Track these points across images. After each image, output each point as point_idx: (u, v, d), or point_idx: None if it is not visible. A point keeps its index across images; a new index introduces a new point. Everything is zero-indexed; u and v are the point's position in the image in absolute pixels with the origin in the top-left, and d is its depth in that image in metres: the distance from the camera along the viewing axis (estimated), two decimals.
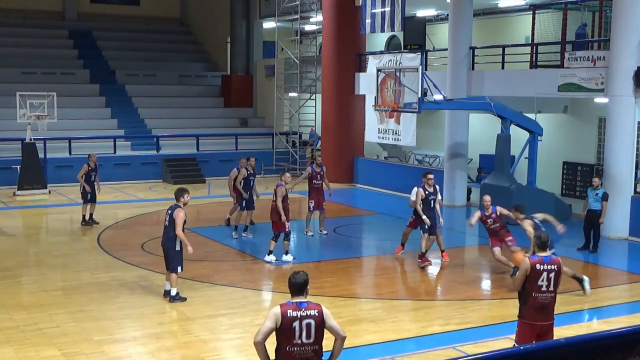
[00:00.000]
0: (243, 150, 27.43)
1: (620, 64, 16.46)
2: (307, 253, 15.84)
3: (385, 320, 10.99)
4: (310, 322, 6.18)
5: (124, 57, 32.93)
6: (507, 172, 18.80)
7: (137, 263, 14.03)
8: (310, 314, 6.20)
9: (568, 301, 11.84)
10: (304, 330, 6.16)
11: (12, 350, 9.50)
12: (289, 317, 6.16)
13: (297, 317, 6.16)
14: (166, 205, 20.06)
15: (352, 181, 25.21)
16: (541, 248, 8.10)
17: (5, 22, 32.05)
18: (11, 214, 19.94)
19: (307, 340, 6.19)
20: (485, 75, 20.52)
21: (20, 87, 24.89)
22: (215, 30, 34.61)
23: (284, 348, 6.20)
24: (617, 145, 16.75)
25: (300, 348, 6.19)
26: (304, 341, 6.18)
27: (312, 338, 6.20)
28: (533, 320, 8.05)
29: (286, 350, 6.19)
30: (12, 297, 11.94)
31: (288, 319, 6.16)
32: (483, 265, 15.16)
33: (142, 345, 9.86)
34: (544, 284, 7.95)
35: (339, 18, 24.87)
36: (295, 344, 6.18)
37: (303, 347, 6.19)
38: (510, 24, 25.08)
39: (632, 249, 16.14)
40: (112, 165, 25.10)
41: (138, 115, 29.11)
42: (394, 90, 18.20)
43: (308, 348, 6.21)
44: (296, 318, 6.16)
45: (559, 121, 22.54)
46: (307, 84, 28.15)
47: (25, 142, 22.47)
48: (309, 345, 6.20)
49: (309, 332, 6.18)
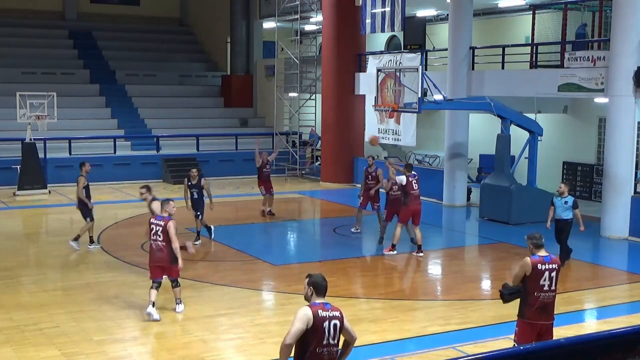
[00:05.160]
0: (243, 151, 27.48)
1: (620, 64, 16.46)
2: (307, 253, 15.85)
3: (385, 320, 10.99)
4: (337, 323, 6.11)
5: (124, 57, 32.93)
6: (507, 172, 18.80)
7: (137, 263, 14.02)
8: (335, 314, 6.13)
9: (568, 301, 11.85)
10: (332, 331, 6.08)
11: (12, 350, 9.50)
12: (320, 318, 6.03)
13: (326, 317, 6.07)
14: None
15: (352, 181, 25.21)
16: (537, 247, 8.11)
17: (6, 22, 32.02)
18: (11, 214, 19.94)
19: (333, 342, 6.11)
20: (485, 75, 20.52)
21: (20, 87, 24.88)
22: (215, 30, 34.60)
23: (313, 350, 6.03)
24: (617, 145, 16.74)
25: (328, 349, 6.08)
26: (331, 342, 6.09)
27: (336, 339, 6.14)
28: (534, 320, 8.06)
29: (316, 352, 6.03)
30: (12, 297, 11.94)
31: (319, 319, 6.03)
32: (483, 265, 15.18)
33: (142, 345, 9.86)
34: (546, 283, 7.98)
35: (339, 18, 24.87)
36: (325, 345, 6.05)
37: (330, 347, 6.09)
38: (510, 24, 25.08)
39: (632, 249, 16.13)
40: (112, 165, 25.10)
41: (138, 115, 29.11)
42: (394, 90, 18.21)
43: (333, 349, 6.12)
44: (325, 318, 6.06)
45: (559, 121, 22.55)
46: (307, 84, 28.15)
47: (25, 142, 22.47)
48: (334, 346, 6.12)
49: (335, 333, 6.10)
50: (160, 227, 10.70)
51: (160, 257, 10.78)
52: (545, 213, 14.12)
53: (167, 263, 10.81)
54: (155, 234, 10.72)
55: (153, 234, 10.74)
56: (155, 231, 10.72)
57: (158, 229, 10.70)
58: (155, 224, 10.76)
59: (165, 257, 10.76)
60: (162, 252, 10.74)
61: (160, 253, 10.75)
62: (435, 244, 16.18)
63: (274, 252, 15.61)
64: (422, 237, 14.77)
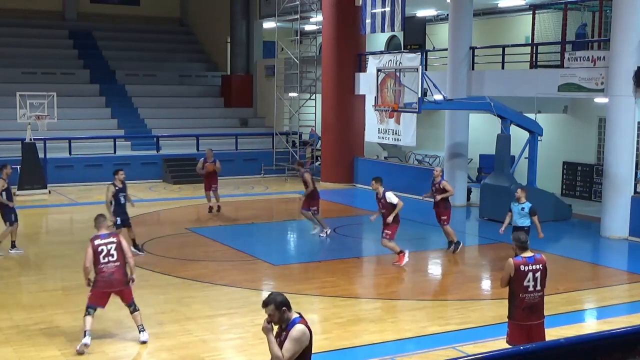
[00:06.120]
0: (243, 150, 27.49)
1: (620, 64, 16.46)
2: (307, 253, 15.84)
3: (385, 320, 10.99)
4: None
5: (124, 57, 32.92)
6: (507, 172, 18.79)
7: (137, 263, 13.92)
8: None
9: (568, 301, 11.85)
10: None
11: (12, 350, 9.50)
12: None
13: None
14: (167, 205, 20.27)
15: (352, 181, 25.20)
16: (522, 249, 8.11)
17: (6, 22, 32.01)
18: None
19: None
20: (485, 75, 20.52)
21: (21, 87, 24.88)
22: (215, 30, 34.59)
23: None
24: (617, 145, 16.74)
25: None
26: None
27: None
28: (523, 321, 8.10)
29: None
30: (12, 297, 11.95)
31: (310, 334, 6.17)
32: (483, 265, 15.18)
33: (142, 346, 9.85)
34: (530, 284, 7.99)
35: (339, 18, 24.87)
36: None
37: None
38: (510, 24, 25.08)
39: (632, 249, 16.13)
40: (112, 165, 24.92)
41: (138, 115, 29.10)
42: (394, 90, 18.21)
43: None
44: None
45: (559, 121, 22.55)
46: (307, 84, 28.15)
47: (25, 142, 22.47)
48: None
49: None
50: (113, 244, 9.51)
51: (116, 280, 9.53)
52: (502, 217, 13.90)
53: (122, 285, 9.62)
54: (107, 255, 9.45)
55: (104, 255, 9.44)
56: (107, 251, 9.46)
57: (111, 248, 9.48)
58: (105, 243, 9.50)
59: (121, 278, 9.58)
60: (117, 274, 9.53)
61: (116, 275, 9.51)
62: (436, 243, 16.17)
63: (274, 252, 15.60)
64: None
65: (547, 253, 14.24)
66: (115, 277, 9.53)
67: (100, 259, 9.44)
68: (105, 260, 9.45)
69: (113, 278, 9.51)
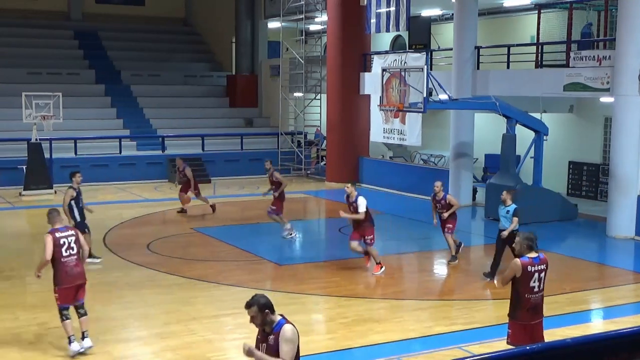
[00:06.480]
0: (248, 150, 27.50)
1: (626, 63, 16.40)
2: (312, 253, 15.83)
3: (390, 320, 10.97)
4: None
5: (129, 57, 32.97)
6: (513, 172, 18.75)
7: (143, 263, 14.04)
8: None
9: (574, 301, 11.81)
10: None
11: (17, 350, 9.51)
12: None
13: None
14: (172, 205, 20.26)
15: (357, 181, 25.19)
16: (530, 249, 8.06)
17: (11, 23, 32.09)
18: (17, 214, 19.97)
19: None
20: (490, 75, 20.48)
21: (26, 88, 24.92)
22: (220, 30, 34.62)
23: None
24: (623, 145, 16.68)
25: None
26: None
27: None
28: (527, 321, 8.06)
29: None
30: (17, 297, 11.96)
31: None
32: (488, 265, 15.13)
33: (147, 345, 9.86)
34: (535, 285, 7.96)
35: (343, 18, 24.85)
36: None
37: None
38: (515, 24, 25.03)
39: (638, 249, 16.06)
40: (117, 165, 25.16)
41: (143, 116, 29.14)
42: (399, 90, 18.19)
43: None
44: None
45: (564, 121, 22.49)
46: (312, 83, 28.15)
47: (31, 142, 22.50)
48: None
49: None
50: (72, 237, 9.39)
51: (79, 273, 9.43)
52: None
53: (83, 278, 9.47)
54: (68, 248, 9.29)
55: (66, 249, 9.27)
56: (68, 244, 9.29)
57: (71, 241, 9.33)
58: (65, 236, 9.32)
59: (82, 271, 9.48)
60: (78, 267, 9.42)
61: (77, 268, 9.40)
62: (441, 244, 16.13)
63: (279, 252, 15.59)
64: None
65: (553, 253, 14.31)
66: (78, 270, 9.42)
67: (63, 252, 9.26)
68: (67, 253, 9.30)
69: (76, 271, 9.39)
